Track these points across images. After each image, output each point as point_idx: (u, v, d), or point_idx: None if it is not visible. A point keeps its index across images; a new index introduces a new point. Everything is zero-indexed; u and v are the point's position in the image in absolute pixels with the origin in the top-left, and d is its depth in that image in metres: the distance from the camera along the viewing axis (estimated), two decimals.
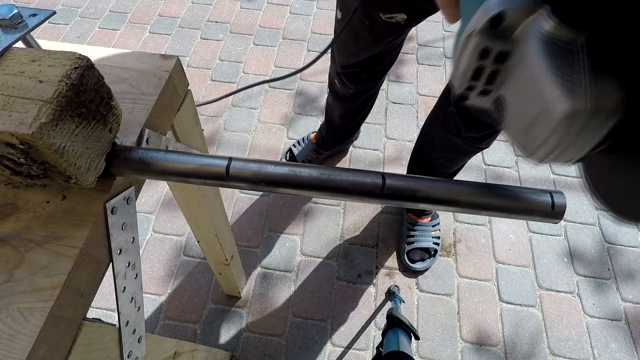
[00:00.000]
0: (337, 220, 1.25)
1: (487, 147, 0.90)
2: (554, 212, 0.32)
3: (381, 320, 1.10)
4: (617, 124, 0.21)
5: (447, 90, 0.88)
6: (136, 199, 0.41)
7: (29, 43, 0.38)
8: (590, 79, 0.20)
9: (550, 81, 0.21)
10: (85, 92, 0.31)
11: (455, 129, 0.86)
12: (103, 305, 1.09)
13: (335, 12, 0.82)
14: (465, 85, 0.27)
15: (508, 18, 0.23)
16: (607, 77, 0.20)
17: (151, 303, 1.11)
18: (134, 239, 0.41)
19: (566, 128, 0.21)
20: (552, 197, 0.32)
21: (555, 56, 0.21)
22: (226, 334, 1.07)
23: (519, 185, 0.32)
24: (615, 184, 0.25)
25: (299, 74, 1.57)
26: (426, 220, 1.20)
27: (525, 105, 0.24)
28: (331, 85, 1.07)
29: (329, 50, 0.97)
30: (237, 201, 1.28)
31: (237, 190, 1.30)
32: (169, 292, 1.13)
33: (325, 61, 1.09)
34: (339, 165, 1.37)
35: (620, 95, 0.20)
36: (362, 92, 1.03)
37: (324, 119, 1.26)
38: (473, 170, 1.36)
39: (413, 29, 0.76)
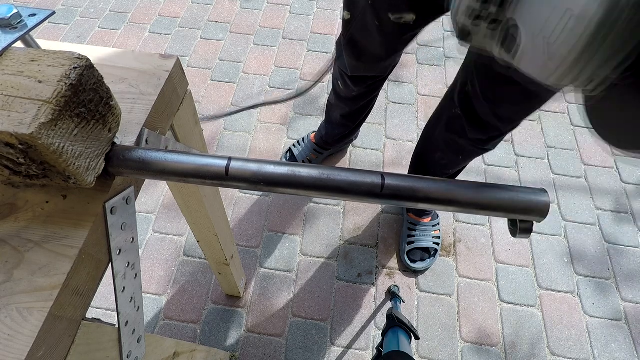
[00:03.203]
0: (337, 220, 1.25)
1: (493, 148, 0.89)
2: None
3: (381, 320, 1.10)
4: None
5: (452, 91, 0.87)
6: (136, 199, 0.41)
7: (29, 43, 0.38)
8: None
9: None
10: (84, 92, 0.31)
11: (460, 130, 0.85)
12: (103, 305, 1.09)
13: (342, 12, 0.81)
14: (476, 11, 0.24)
15: None
16: None
17: (151, 303, 1.11)
18: (133, 239, 0.41)
19: (597, 29, 0.18)
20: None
21: None
22: (226, 334, 1.07)
23: (519, 185, 0.32)
24: (619, 116, 0.24)
25: (299, 76, 1.57)
26: (426, 220, 1.20)
27: (547, 19, 0.21)
28: (334, 85, 1.07)
29: (332, 50, 0.97)
30: (237, 201, 1.28)
31: (237, 190, 1.30)
32: (169, 292, 1.13)
33: (326, 62, 1.09)
34: (339, 165, 1.37)
35: None
36: (365, 94, 1.02)
37: (324, 118, 1.26)
38: (473, 170, 1.36)
39: None
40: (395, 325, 0.80)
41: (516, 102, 0.71)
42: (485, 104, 0.74)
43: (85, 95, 0.31)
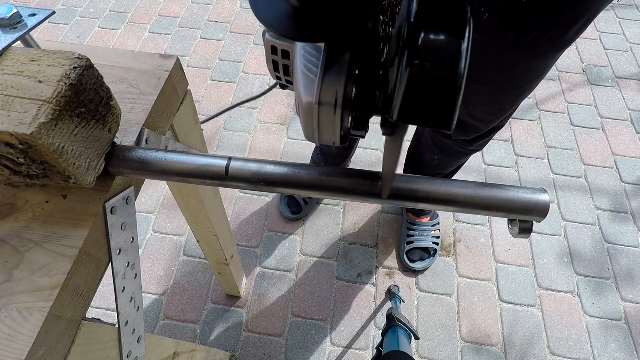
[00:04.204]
0: (337, 220, 1.25)
1: (480, 149, 0.89)
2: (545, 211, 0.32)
3: (381, 320, 1.10)
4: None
5: None
6: (136, 199, 0.41)
7: (29, 43, 0.38)
8: (322, 79, 0.25)
9: (299, 78, 0.26)
10: (84, 92, 0.31)
11: None
12: (103, 305, 1.09)
13: None
14: (273, 74, 0.32)
15: None
16: (334, 77, 0.24)
17: (151, 303, 1.11)
18: (133, 239, 0.41)
19: (308, 115, 0.26)
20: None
21: (306, 56, 0.26)
22: (226, 334, 1.07)
23: (519, 185, 0.32)
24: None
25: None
26: (426, 220, 1.20)
27: (297, 95, 0.29)
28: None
29: None
30: (237, 201, 1.28)
31: (237, 190, 1.30)
32: (169, 291, 1.12)
33: None
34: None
35: (341, 92, 0.24)
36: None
37: (318, 153, 1.24)
38: (473, 170, 1.36)
39: None
40: (395, 325, 0.80)
41: (486, 102, 0.71)
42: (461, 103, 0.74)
43: (85, 96, 0.31)
